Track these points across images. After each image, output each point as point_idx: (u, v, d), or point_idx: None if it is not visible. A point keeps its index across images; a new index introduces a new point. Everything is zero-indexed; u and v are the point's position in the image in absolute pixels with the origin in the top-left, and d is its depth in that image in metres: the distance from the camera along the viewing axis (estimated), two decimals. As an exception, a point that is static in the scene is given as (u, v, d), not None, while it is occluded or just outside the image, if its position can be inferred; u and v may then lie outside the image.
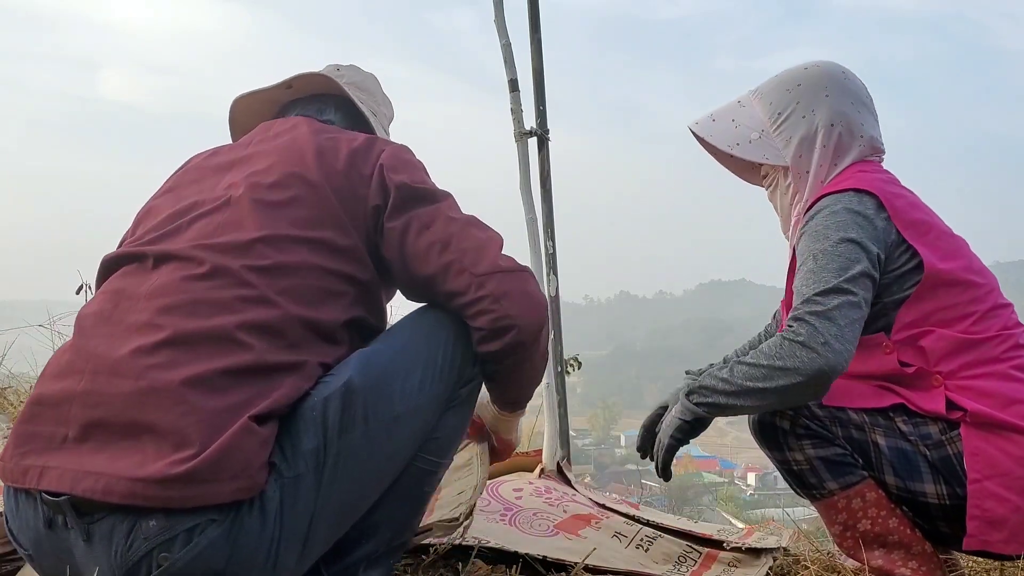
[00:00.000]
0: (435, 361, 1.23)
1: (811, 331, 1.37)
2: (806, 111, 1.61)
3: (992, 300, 1.52)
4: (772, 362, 1.39)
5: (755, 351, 1.45)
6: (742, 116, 1.68)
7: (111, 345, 1.10)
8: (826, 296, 1.39)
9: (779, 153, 1.63)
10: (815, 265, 1.45)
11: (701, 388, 1.47)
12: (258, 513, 1.06)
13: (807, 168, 1.61)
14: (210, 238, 1.20)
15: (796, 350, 1.37)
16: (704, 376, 1.49)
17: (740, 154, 1.66)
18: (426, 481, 1.28)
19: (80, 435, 1.06)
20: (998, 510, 1.40)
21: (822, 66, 1.65)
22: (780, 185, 1.68)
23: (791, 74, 1.66)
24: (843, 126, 1.60)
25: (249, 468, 1.04)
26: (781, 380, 1.38)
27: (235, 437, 1.03)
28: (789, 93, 1.63)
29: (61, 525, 1.06)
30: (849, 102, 1.61)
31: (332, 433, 1.11)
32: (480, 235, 1.27)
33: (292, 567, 1.12)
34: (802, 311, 1.40)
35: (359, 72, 1.60)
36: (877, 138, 1.64)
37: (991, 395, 1.44)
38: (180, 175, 1.39)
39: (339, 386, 1.13)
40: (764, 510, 10.61)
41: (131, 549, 1.02)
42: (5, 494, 1.14)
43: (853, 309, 1.40)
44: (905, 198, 1.55)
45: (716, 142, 1.69)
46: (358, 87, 1.56)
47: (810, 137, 1.61)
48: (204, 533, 1.03)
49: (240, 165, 1.32)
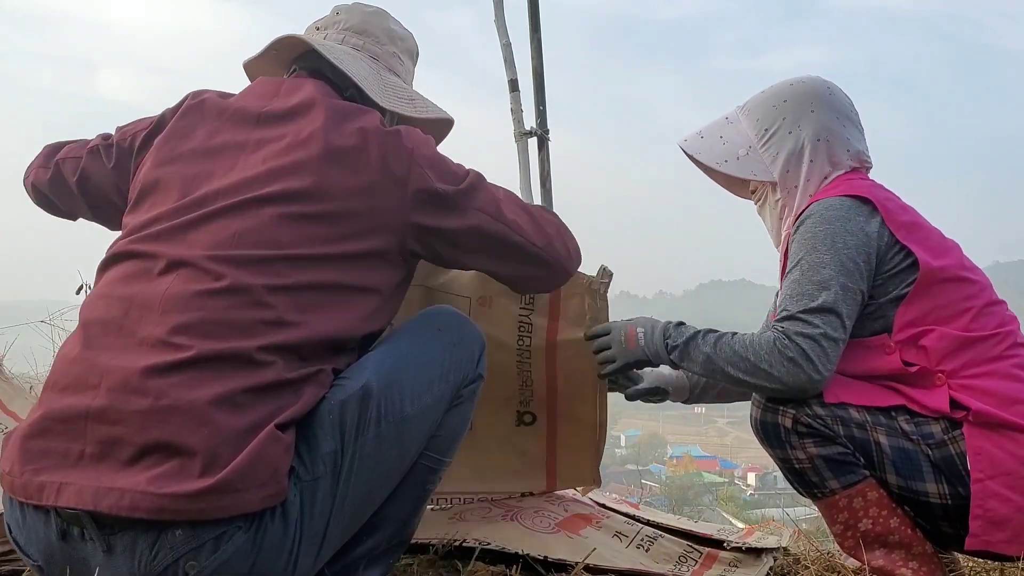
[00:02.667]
0: (441, 363, 1.26)
1: (800, 352, 1.44)
2: (792, 127, 1.64)
3: (986, 297, 1.54)
4: (759, 362, 1.47)
5: (745, 340, 1.50)
6: (729, 132, 1.71)
7: (124, 360, 1.08)
8: (813, 315, 1.45)
9: (766, 169, 1.66)
10: (801, 276, 1.49)
11: (685, 351, 1.57)
12: (280, 517, 1.06)
13: (795, 183, 1.64)
14: (226, 248, 1.16)
15: (784, 362, 1.44)
16: (690, 341, 1.57)
17: (728, 171, 1.69)
18: (428, 479, 1.29)
19: (98, 452, 1.04)
20: (1001, 510, 1.40)
21: (807, 82, 1.67)
22: (769, 200, 1.71)
23: (777, 90, 1.69)
24: (829, 141, 1.63)
25: (277, 475, 1.05)
26: (762, 380, 1.48)
27: (262, 445, 1.03)
28: (775, 109, 1.66)
29: (77, 537, 1.05)
30: (835, 117, 1.64)
31: (349, 436, 1.12)
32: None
33: (308, 570, 1.13)
34: (791, 329, 1.46)
35: (358, 12, 1.51)
36: (863, 152, 1.66)
37: (994, 394, 1.44)
38: (186, 133, 1.31)
39: (356, 390, 1.14)
40: (764, 510, 10.63)
41: (156, 559, 1.01)
42: (8, 505, 1.12)
43: (838, 331, 1.46)
44: (894, 201, 1.58)
45: (704, 159, 1.72)
46: (355, 32, 1.47)
47: (797, 152, 1.63)
48: (231, 540, 1.03)
49: (255, 150, 1.25)
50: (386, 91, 1.43)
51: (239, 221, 1.18)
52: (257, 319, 1.11)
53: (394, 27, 1.52)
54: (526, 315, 1.76)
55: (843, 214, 1.51)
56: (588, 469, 1.88)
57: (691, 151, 1.74)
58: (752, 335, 1.52)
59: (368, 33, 1.48)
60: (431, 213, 1.28)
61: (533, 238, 1.40)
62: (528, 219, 1.41)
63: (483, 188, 1.36)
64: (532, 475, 1.88)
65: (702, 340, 1.56)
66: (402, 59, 1.52)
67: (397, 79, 1.49)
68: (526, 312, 1.76)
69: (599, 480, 1.92)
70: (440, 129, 1.60)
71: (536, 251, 1.40)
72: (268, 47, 1.44)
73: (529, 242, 1.39)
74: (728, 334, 1.56)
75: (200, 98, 1.36)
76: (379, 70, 1.46)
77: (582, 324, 1.76)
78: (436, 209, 1.28)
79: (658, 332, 1.63)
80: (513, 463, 1.86)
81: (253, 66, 1.49)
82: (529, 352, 1.76)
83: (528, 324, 1.76)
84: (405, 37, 1.54)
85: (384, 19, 1.52)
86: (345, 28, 1.48)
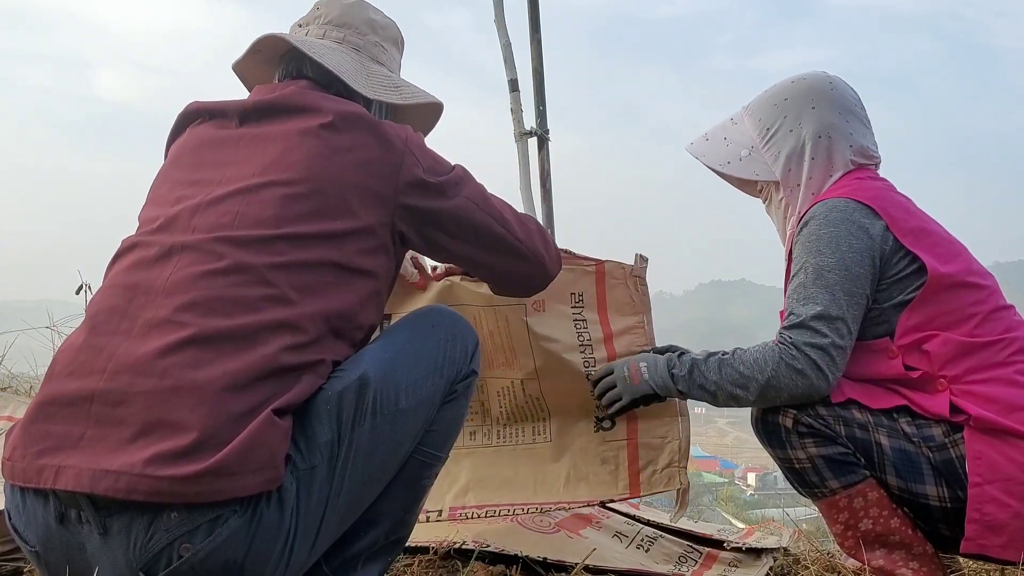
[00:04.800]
0: (436, 358, 1.27)
1: (810, 364, 1.46)
2: (793, 125, 1.63)
3: (994, 302, 1.53)
4: (767, 380, 1.49)
5: (748, 359, 1.50)
6: (733, 133, 1.71)
7: (130, 343, 1.10)
8: (820, 322, 1.46)
9: (768, 168, 1.66)
10: (807, 280, 1.49)
11: (691, 381, 1.56)
12: (276, 505, 1.07)
13: (797, 181, 1.64)
14: (226, 230, 1.18)
15: (793, 375, 1.46)
16: (693, 369, 1.56)
17: (731, 172, 1.70)
18: (424, 474, 1.30)
19: (98, 433, 1.05)
20: (998, 515, 1.39)
21: (808, 78, 1.67)
22: (774, 199, 1.70)
23: (779, 88, 1.68)
24: (830, 137, 1.61)
25: (273, 459, 1.05)
26: (770, 395, 1.49)
27: (259, 429, 1.04)
28: (776, 108, 1.66)
29: (74, 520, 1.05)
30: (837, 112, 1.62)
31: (346, 426, 1.13)
32: None
33: (303, 560, 1.13)
34: (799, 339, 1.46)
35: (338, 5, 1.51)
36: (868, 146, 1.64)
37: (995, 400, 1.44)
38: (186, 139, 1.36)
39: (354, 380, 1.15)
40: (764, 510, 10.61)
41: (151, 541, 1.02)
42: (8, 491, 1.13)
43: (845, 338, 1.47)
44: (901, 206, 1.57)
45: (708, 161, 1.73)
46: (336, 25, 1.49)
47: (798, 151, 1.63)
48: (226, 524, 1.03)
49: (251, 146, 1.29)
50: (370, 81, 1.44)
51: (237, 206, 1.21)
52: (261, 295, 1.14)
53: (374, 16, 1.53)
54: (579, 311, 1.74)
55: (847, 216, 1.50)
56: (675, 469, 1.75)
57: (696, 154, 1.75)
58: (754, 351, 1.51)
59: (348, 25, 1.49)
60: (420, 196, 1.31)
61: (517, 232, 1.44)
62: (512, 215, 1.46)
63: (469, 180, 1.40)
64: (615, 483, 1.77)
65: (705, 367, 1.55)
66: (385, 47, 1.53)
67: (381, 68, 1.50)
68: (578, 309, 1.74)
69: (686, 481, 1.77)
70: (430, 115, 1.60)
71: (519, 245, 1.44)
72: (251, 48, 1.46)
73: (513, 235, 1.43)
74: (729, 355, 1.55)
75: (198, 105, 1.39)
76: (362, 60, 1.47)
77: (630, 313, 1.74)
78: (425, 193, 1.32)
79: (661, 364, 1.60)
80: (598, 473, 1.77)
81: (242, 68, 1.51)
82: (591, 347, 1.73)
83: (583, 320, 1.75)
84: (387, 25, 1.54)
85: (364, 9, 1.52)
86: (326, 22, 1.49)
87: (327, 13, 1.50)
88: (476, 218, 1.38)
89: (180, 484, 1.00)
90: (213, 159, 1.29)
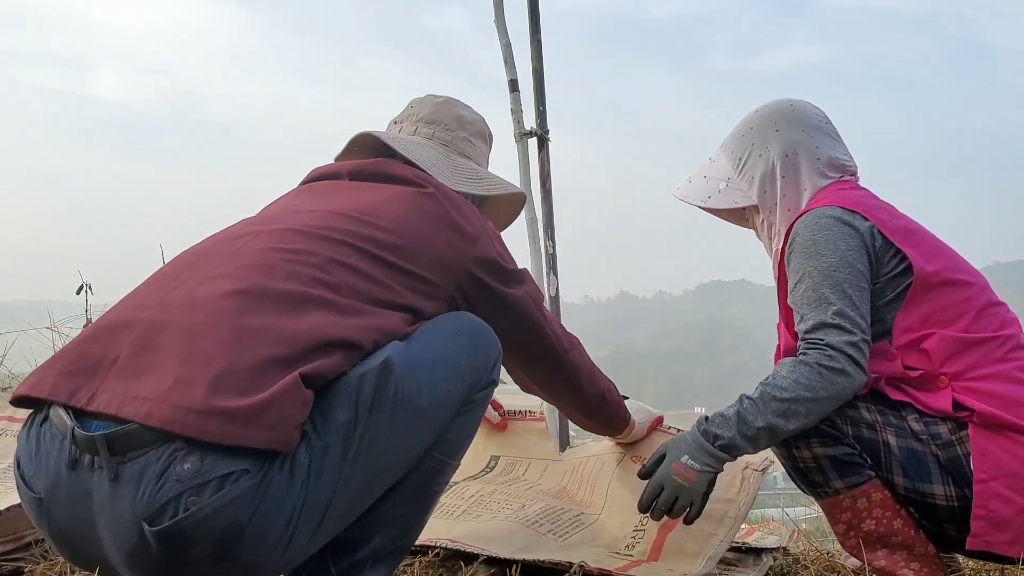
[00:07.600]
0: (458, 363, 1.28)
1: (848, 360, 1.43)
2: (761, 149, 1.69)
3: (985, 298, 1.55)
4: (815, 394, 1.42)
5: (782, 384, 1.44)
6: (712, 171, 1.79)
7: (187, 288, 1.18)
8: (842, 318, 1.45)
9: (746, 194, 1.72)
10: (814, 283, 1.49)
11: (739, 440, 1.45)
12: (288, 473, 1.08)
13: (774, 201, 1.69)
14: (307, 228, 1.28)
15: (835, 377, 1.42)
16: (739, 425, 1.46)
17: (713, 204, 1.76)
18: (435, 480, 1.30)
19: (131, 358, 1.09)
20: (1003, 511, 1.40)
21: (770, 105, 1.74)
22: (758, 223, 1.76)
23: (745, 119, 1.76)
24: (797, 153, 1.66)
25: (287, 422, 1.06)
26: (823, 409, 1.44)
27: (283, 388, 1.06)
28: (744, 137, 1.73)
29: (87, 465, 1.06)
30: (800, 129, 1.68)
31: (364, 409, 1.14)
32: None
33: (303, 546, 1.13)
34: (834, 340, 1.44)
35: (429, 104, 1.64)
36: (839, 157, 1.68)
37: (998, 397, 1.44)
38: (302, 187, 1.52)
39: (377, 364, 1.17)
40: (764, 510, 10.61)
41: (161, 491, 1.02)
42: (25, 434, 1.13)
43: (867, 332, 1.47)
44: (885, 209, 1.60)
45: (692, 200, 1.79)
46: (427, 122, 1.61)
47: (769, 172, 1.68)
48: (237, 483, 1.03)
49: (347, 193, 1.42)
50: (455, 174, 1.54)
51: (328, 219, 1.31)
52: (317, 277, 1.20)
53: (463, 112, 1.65)
54: None
55: (837, 219, 1.53)
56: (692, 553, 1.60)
57: (681, 196, 1.81)
58: (781, 375, 1.45)
59: (438, 122, 1.62)
60: (489, 273, 1.41)
61: (562, 340, 1.53)
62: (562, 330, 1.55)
63: (532, 280, 1.51)
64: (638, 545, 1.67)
65: (749, 414, 1.45)
66: (473, 142, 1.65)
67: (468, 161, 1.61)
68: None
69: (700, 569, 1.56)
70: (514, 206, 1.76)
71: (560, 353, 1.53)
72: (348, 144, 1.59)
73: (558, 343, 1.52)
74: (760, 392, 1.47)
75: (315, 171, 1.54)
76: (449, 155, 1.58)
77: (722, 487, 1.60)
78: (494, 273, 1.41)
79: (697, 444, 1.48)
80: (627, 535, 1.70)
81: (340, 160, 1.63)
82: None
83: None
84: (475, 121, 1.67)
85: (453, 106, 1.65)
86: (418, 119, 1.62)
87: (419, 111, 1.63)
88: (530, 313, 1.47)
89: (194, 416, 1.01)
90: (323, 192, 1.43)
